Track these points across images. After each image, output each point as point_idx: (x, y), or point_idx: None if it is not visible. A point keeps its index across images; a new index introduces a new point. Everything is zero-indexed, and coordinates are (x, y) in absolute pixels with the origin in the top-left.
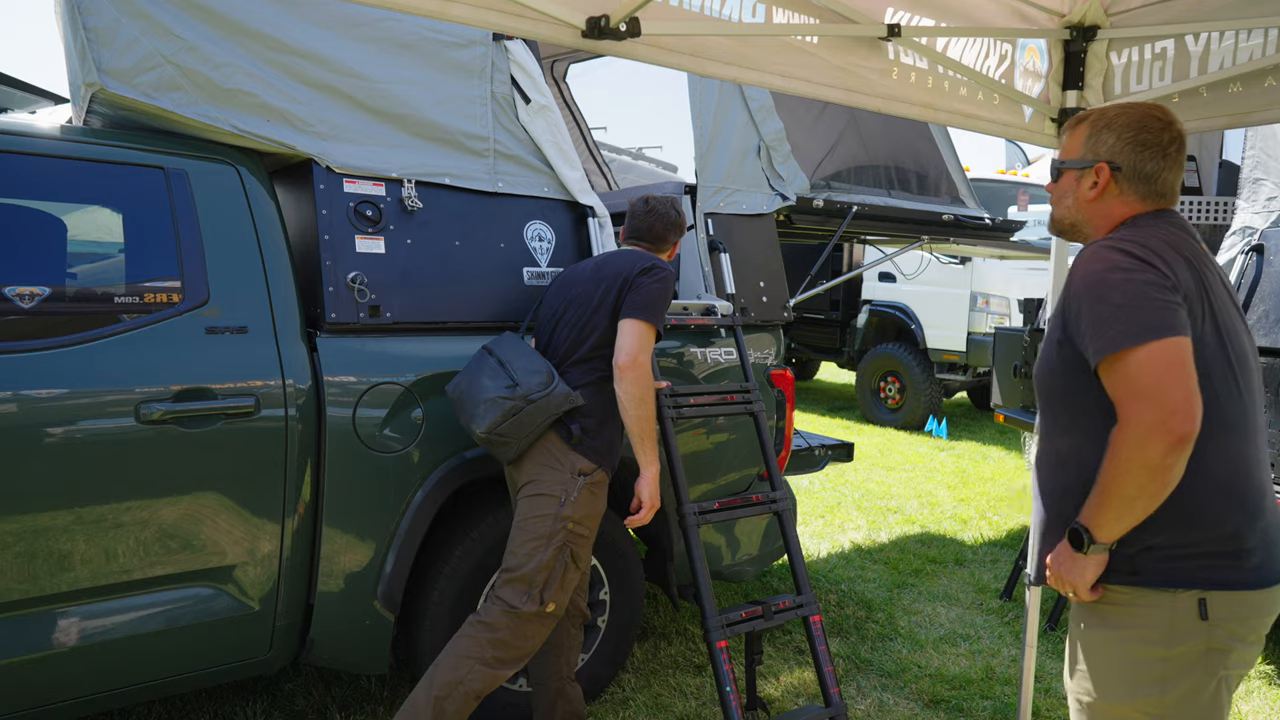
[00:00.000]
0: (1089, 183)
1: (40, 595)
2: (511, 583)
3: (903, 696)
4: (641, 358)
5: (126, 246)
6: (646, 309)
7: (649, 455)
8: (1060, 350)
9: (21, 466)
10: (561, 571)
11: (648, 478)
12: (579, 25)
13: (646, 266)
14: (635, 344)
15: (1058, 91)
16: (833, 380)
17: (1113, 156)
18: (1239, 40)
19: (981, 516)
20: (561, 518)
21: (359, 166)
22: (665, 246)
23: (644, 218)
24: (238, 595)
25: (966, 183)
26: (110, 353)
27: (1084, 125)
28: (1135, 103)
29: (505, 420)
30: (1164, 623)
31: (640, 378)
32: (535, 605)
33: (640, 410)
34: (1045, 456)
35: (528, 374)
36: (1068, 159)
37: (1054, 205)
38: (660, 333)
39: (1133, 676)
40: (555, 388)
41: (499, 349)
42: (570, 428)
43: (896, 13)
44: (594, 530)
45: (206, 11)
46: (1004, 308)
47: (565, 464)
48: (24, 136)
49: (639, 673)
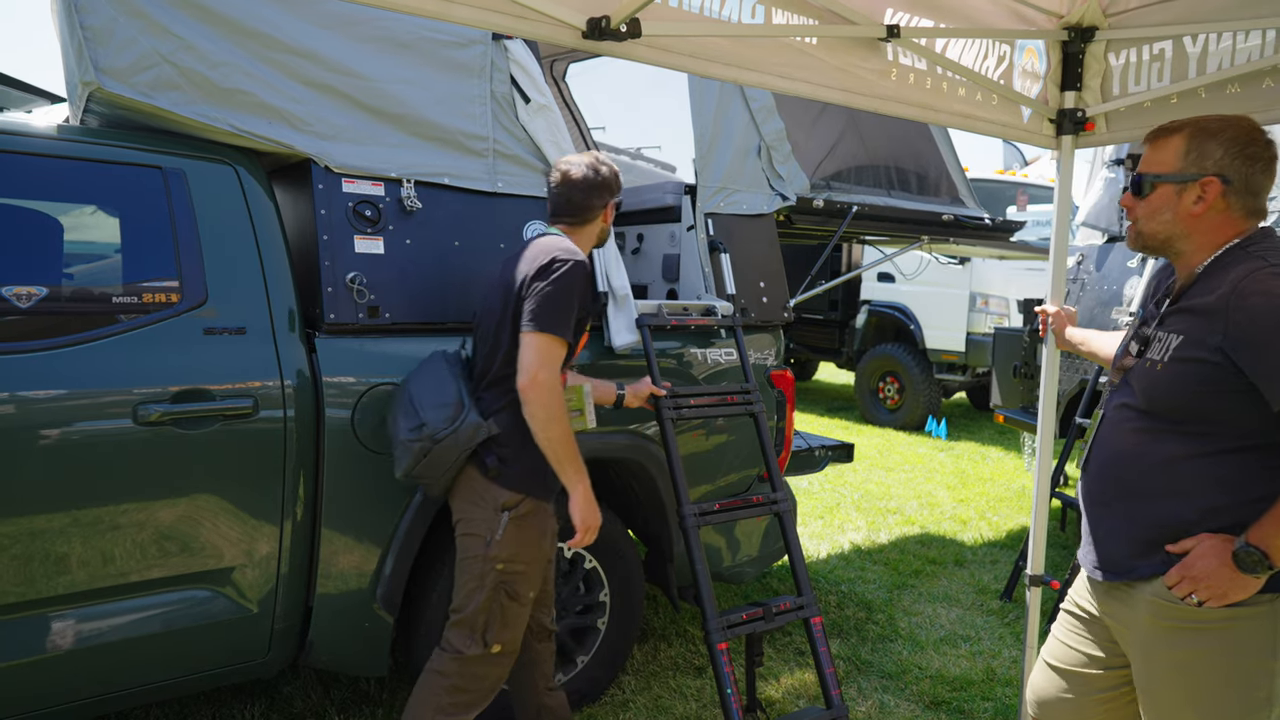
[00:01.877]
0: (1193, 197)
1: (37, 598)
2: (455, 626)
3: (904, 698)
4: (542, 375)
5: (124, 247)
6: (542, 318)
7: (572, 476)
8: (1202, 368)
9: (19, 468)
10: (500, 612)
11: (576, 499)
12: (579, 26)
13: (543, 264)
14: (533, 361)
15: (1056, 92)
16: (831, 380)
17: (1222, 170)
18: (1237, 41)
19: (981, 517)
20: (489, 559)
21: (358, 166)
22: (592, 215)
23: (559, 190)
24: (236, 597)
25: (966, 183)
26: (108, 353)
27: (1179, 137)
28: (1231, 115)
29: (417, 463)
30: (1268, 631)
31: (543, 397)
32: (480, 648)
33: (549, 432)
34: (1141, 457)
35: (434, 410)
36: (1164, 172)
37: (1143, 219)
38: (569, 341)
39: (1247, 695)
40: (463, 422)
41: (412, 382)
42: (485, 461)
43: (896, 14)
44: (533, 561)
45: (204, 10)
46: (1003, 308)
47: (487, 500)
48: (21, 136)
49: (639, 674)
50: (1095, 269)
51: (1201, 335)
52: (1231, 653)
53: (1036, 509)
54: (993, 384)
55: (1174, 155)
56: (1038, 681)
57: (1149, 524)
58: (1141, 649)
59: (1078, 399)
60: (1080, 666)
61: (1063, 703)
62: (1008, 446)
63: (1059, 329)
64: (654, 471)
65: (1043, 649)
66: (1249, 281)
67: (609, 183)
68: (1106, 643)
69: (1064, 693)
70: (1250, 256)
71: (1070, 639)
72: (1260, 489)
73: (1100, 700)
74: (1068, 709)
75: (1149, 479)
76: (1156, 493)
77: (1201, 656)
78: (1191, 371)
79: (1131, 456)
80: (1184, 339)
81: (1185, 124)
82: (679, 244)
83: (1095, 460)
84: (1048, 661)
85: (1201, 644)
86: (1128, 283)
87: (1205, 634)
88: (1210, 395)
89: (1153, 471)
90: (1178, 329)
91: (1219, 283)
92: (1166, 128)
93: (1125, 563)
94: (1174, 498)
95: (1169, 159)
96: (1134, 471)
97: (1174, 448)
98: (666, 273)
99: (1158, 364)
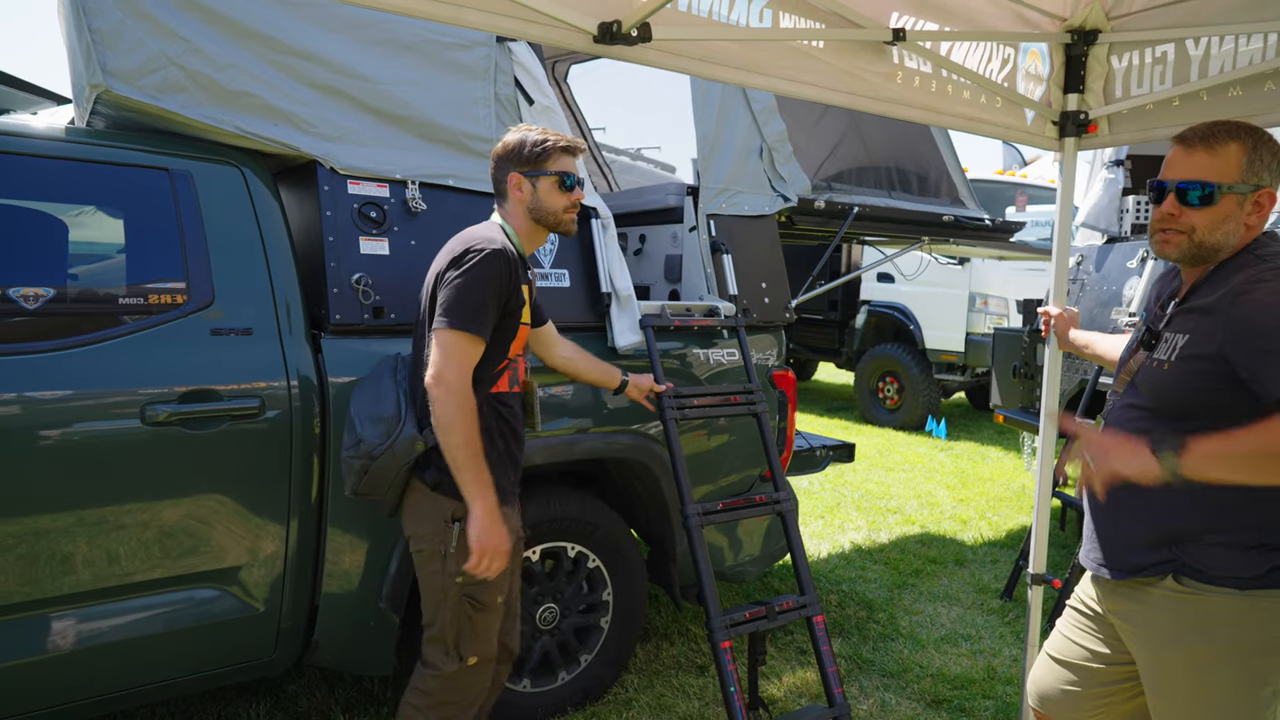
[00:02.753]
0: (1250, 206)
1: (46, 597)
2: (430, 643)
3: (905, 696)
4: (448, 372)
5: (132, 248)
6: (452, 312)
7: (471, 488)
8: (1209, 365)
9: (28, 468)
10: (469, 624)
11: (474, 517)
12: (591, 31)
13: (457, 255)
14: (439, 357)
15: (1059, 95)
16: (831, 380)
17: (1274, 181)
18: (1239, 45)
19: (981, 517)
20: (447, 574)
21: (363, 168)
22: (502, 189)
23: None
24: (242, 596)
25: (966, 184)
26: (116, 354)
27: (1236, 145)
28: (1250, 123)
29: (360, 480)
30: (1276, 627)
31: (447, 397)
32: (455, 663)
33: (451, 436)
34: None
35: (369, 424)
36: (1231, 181)
37: (1205, 230)
38: (483, 338)
39: (1256, 690)
40: (398, 436)
41: (353, 397)
42: (425, 475)
43: (901, 17)
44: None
45: (210, 13)
46: (1002, 308)
47: (435, 513)
48: (29, 138)
49: (642, 673)
50: (1095, 270)
51: (1206, 334)
52: (1241, 649)
53: (1038, 508)
54: (992, 384)
55: (1234, 165)
56: (1040, 675)
57: (1157, 523)
58: (1152, 647)
59: (1078, 399)
60: (1083, 661)
61: (1064, 695)
62: (1007, 446)
63: (1062, 331)
64: (657, 471)
65: (1046, 643)
66: (1250, 283)
67: (512, 152)
68: (1111, 640)
69: (1066, 685)
70: (1258, 260)
71: (1075, 634)
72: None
73: (1100, 694)
74: (1068, 702)
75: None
76: (1165, 493)
77: (1212, 653)
78: (1199, 370)
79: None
80: (1190, 338)
81: (1240, 129)
82: (681, 245)
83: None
84: (1051, 655)
85: (1212, 641)
86: (1127, 283)
87: (1215, 631)
88: (1217, 393)
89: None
90: (1184, 329)
91: (1224, 284)
92: (1217, 132)
93: (1135, 561)
94: (1182, 497)
95: (1229, 168)
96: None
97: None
98: (669, 273)
99: (1165, 364)
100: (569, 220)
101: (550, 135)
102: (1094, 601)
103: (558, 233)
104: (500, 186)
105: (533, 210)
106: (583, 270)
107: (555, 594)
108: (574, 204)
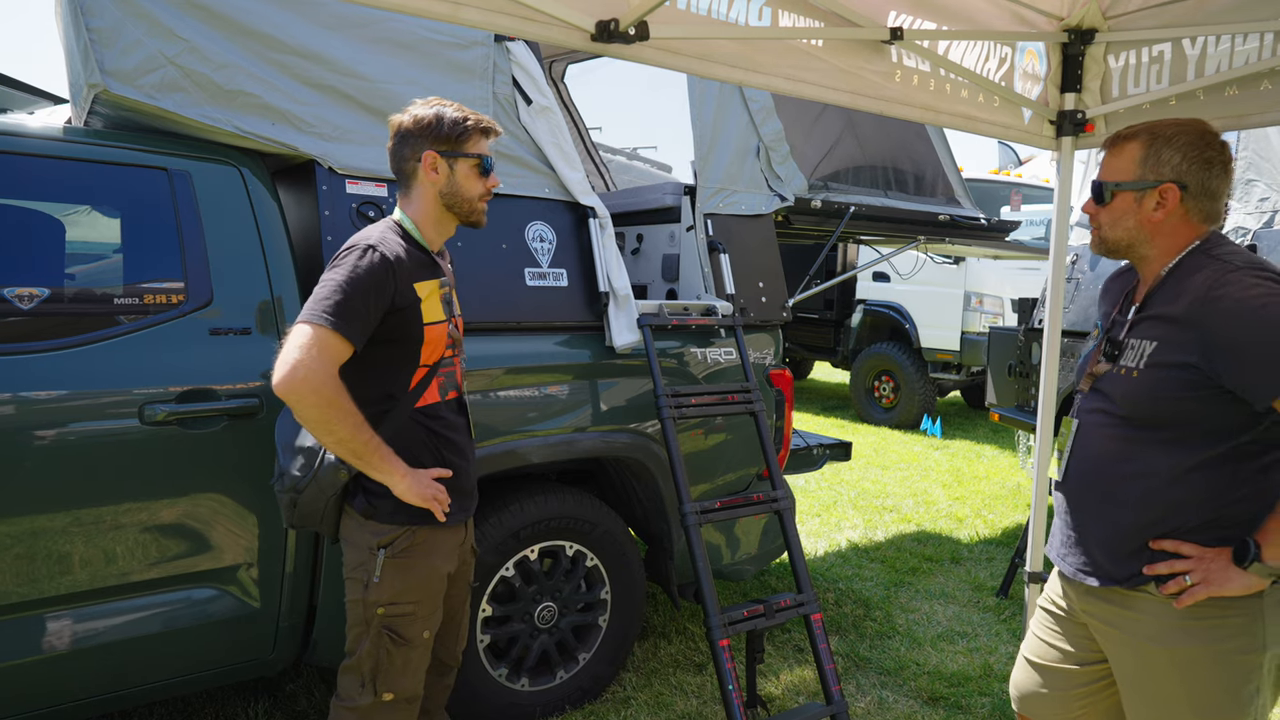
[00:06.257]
0: (1153, 203)
1: (42, 597)
2: (345, 673)
3: (902, 694)
4: (304, 369)
5: (130, 248)
6: (314, 306)
7: (380, 467)
8: (1181, 373)
9: (25, 469)
10: (388, 658)
11: (395, 486)
12: (588, 29)
13: (338, 253)
14: (289, 353)
15: (1056, 94)
16: (826, 379)
17: (1179, 176)
18: (1235, 44)
19: (977, 515)
20: (369, 603)
21: (361, 167)
22: (408, 169)
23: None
24: (241, 596)
25: (962, 183)
26: (114, 354)
27: (1135, 143)
28: (1183, 119)
29: (291, 514)
30: (1257, 626)
31: (308, 396)
32: (370, 696)
33: (330, 436)
34: (1124, 463)
35: (289, 455)
36: (1123, 180)
37: (1106, 227)
38: (349, 339)
39: (1239, 689)
40: (319, 467)
41: (277, 424)
42: (355, 503)
43: (899, 16)
44: (422, 600)
45: (208, 12)
46: (998, 307)
47: (362, 540)
48: (26, 138)
49: (640, 671)
50: (1089, 269)
51: (1177, 341)
52: (1224, 649)
53: (1035, 506)
54: (988, 383)
55: (1131, 162)
56: (1019, 678)
57: (1137, 528)
58: (1134, 648)
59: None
60: (1058, 663)
61: (1043, 698)
62: (1002, 445)
63: None
64: (655, 470)
65: (1022, 645)
66: (1216, 287)
67: (426, 127)
68: (1083, 640)
69: (1043, 688)
70: (1213, 260)
71: (1048, 635)
72: (1245, 488)
73: (1080, 695)
74: (1049, 704)
75: (1134, 484)
76: (1141, 497)
77: (1196, 653)
78: (1170, 376)
79: (1114, 463)
80: (1159, 345)
81: (1140, 130)
82: (678, 244)
83: (1075, 467)
84: (1027, 658)
85: (1196, 641)
86: None
87: (1198, 632)
88: (1190, 400)
89: (1137, 477)
90: (1150, 335)
91: (1185, 288)
92: (1123, 134)
93: (1119, 568)
94: (1159, 502)
95: (1126, 166)
96: (1117, 477)
97: (1156, 452)
98: (666, 273)
99: (1133, 370)
100: (482, 210)
101: (468, 113)
102: (1062, 600)
103: (468, 224)
104: (406, 166)
105: (446, 195)
106: (580, 270)
107: (553, 593)
108: (489, 192)
